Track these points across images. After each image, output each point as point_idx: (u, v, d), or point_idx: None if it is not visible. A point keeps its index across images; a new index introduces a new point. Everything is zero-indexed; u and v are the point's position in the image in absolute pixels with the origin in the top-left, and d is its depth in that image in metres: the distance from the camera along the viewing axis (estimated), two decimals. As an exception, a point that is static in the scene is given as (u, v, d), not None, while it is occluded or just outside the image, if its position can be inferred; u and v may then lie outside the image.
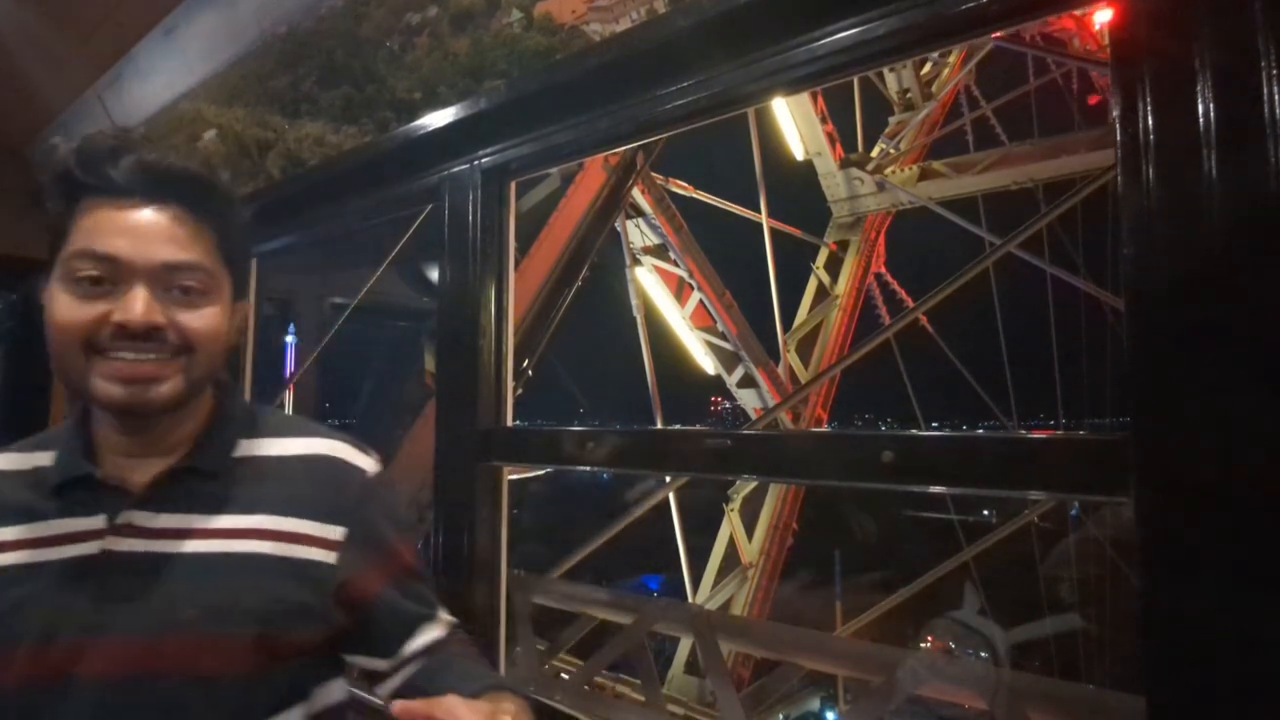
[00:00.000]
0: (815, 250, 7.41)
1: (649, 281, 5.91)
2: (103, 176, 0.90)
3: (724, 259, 6.48)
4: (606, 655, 3.86)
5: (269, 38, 2.02)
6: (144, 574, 0.91)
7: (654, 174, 5.42)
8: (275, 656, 0.93)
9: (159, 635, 0.89)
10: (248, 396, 2.46)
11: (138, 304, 0.88)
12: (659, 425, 5.59)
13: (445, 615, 1.08)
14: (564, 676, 4.86)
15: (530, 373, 4.74)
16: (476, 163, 1.78)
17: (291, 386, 4.92)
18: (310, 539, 0.98)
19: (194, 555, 0.93)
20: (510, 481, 1.80)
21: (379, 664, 1.03)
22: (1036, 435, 1.17)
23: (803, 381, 6.46)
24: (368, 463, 1.06)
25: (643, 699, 4.30)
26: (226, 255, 0.97)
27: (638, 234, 5.69)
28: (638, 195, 5.41)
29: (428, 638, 1.03)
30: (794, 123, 6.71)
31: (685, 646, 5.41)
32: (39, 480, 0.95)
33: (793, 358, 6.63)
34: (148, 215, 0.91)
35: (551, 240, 4.67)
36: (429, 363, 5.21)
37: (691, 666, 5.60)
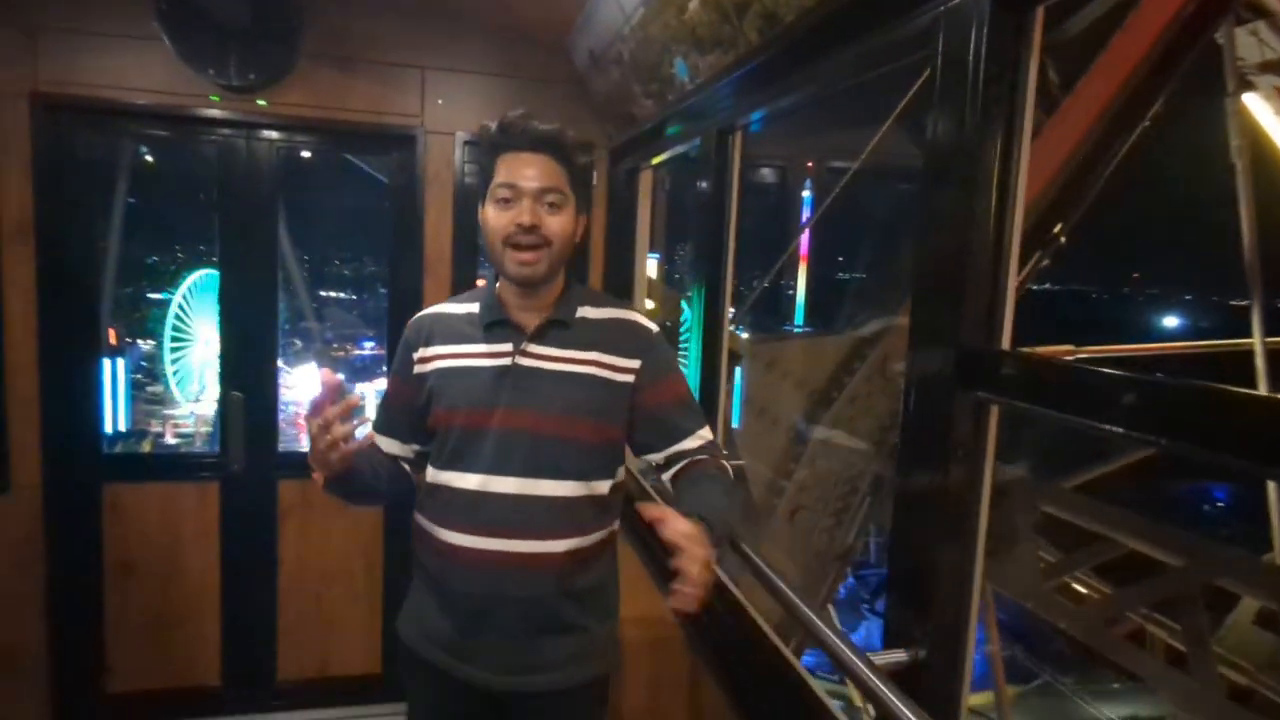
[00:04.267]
0: None
1: (1262, 112, 4.18)
2: (511, 139, 1.53)
3: None
4: (1141, 595, 3.03)
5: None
6: (533, 379, 1.56)
7: (1295, -52, 3.64)
8: (602, 436, 1.59)
9: (542, 412, 1.54)
10: (637, 267, 3.31)
11: (526, 213, 1.50)
12: (1255, 319, 4.07)
13: (706, 433, 1.65)
14: (1075, 587, 4.20)
15: (1063, 240, 3.87)
16: (984, -14, 1.28)
17: (805, 256, 4.91)
18: (620, 368, 1.59)
19: (559, 371, 1.57)
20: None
21: (657, 458, 1.64)
22: None
23: None
24: (653, 325, 1.66)
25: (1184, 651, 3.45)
26: (573, 183, 1.55)
27: (1253, 45, 3.99)
28: (1259, -14, 3.74)
29: (689, 444, 1.62)
30: None
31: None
32: (470, 319, 1.63)
33: None
34: (532, 159, 1.52)
35: (1112, 66, 3.51)
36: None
37: (1263, 616, 4.31)
